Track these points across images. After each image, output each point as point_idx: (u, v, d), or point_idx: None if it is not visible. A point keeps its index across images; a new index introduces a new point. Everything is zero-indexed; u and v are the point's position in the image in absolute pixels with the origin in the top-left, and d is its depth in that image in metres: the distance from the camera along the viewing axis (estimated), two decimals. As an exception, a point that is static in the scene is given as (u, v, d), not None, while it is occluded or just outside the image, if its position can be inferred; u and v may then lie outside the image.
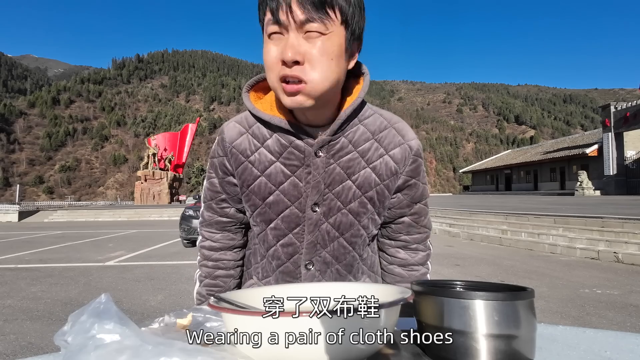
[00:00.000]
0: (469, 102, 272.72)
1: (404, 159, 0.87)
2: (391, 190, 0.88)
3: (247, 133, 0.86)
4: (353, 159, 0.84)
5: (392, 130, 0.87)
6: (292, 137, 0.82)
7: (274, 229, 0.86)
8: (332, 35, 0.70)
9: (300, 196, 0.84)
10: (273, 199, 0.84)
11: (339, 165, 0.83)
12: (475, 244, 9.55)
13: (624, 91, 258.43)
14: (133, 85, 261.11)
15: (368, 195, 0.85)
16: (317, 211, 0.84)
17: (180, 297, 4.87)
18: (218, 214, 0.95)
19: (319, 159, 0.82)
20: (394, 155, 0.86)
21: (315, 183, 0.83)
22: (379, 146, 0.85)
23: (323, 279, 0.88)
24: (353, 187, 0.84)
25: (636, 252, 6.74)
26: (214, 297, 0.62)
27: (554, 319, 3.88)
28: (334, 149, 0.83)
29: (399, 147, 0.86)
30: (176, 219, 12.68)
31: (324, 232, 0.85)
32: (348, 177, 0.84)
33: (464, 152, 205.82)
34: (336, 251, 0.87)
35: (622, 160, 26.88)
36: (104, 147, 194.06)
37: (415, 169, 0.89)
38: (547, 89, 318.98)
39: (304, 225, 0.85)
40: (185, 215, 9.75)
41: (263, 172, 0.84)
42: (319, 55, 0.69)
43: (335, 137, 0.82)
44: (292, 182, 0.83)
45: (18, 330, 3.69)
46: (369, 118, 0.86)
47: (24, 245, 10.72)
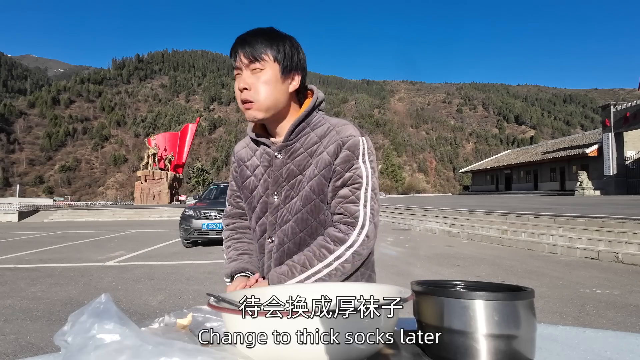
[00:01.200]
0: (469, 102, 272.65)
1: (336, 152, 1.07)
2: (327, 179, 1.08)
3: (247, 147, 1.23)
4: (303, 158, 1.10)
5: (333, 131, 1.10)
6: (265, 145, 1.16)
7: (254, 214, 1.17)
8: (267, 70, 1.05)
9: (268, 188, 1.13)
10: (256, 192, 1.17)
11: (293, 164, 1.11)
12: (475, 244, 9.54)
13: (624, 91, 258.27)
14: (133, 85, 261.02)
15: (310, 184, 1.08)
16: (276, 198, 1.12)
17: (180, 297, 4.87)
18: (235, 207, 1.28)
19: (277, 159, 1.13)
20: (329, 150, 1.08)
21: (275, 177, 1.12)
22: (321, 145, 1.10)
23: (277, 252, 1.11)
24: (303, 180, 1.09)
25: (636, 252, 6.74)
26: (214, 297, 0.62)
27: (554, 319, 3.88)
28: (290, 151, 1.12)
29: (334, 143, 1.08)
30: (176, 219, 12.67)
31: (281, 215, 1.11)
32: (299, 172, 1.10)
33: (464, 152, 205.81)
34: (288, 230, 1.10)
35: (622, 160, 26.88)
36: (104, 147, 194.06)
37: (343, 158, 1.07)
38: (547, 89, 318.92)
39: (268, 209, 1.13)
40: (185, 215, 9.74)
41: (252, 172, 1.18)
42: (259, 84, 1.04)
43: (290, 143, 1.12)
44: (264, 178, 1.15)
45: (18, 330, 3.69)
46: (320, 127, 1.12)
47: (24, 245, 10.72)
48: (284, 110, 1.11)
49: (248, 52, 1.04)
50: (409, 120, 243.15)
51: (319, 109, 1.17)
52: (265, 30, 1.08)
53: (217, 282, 5.72)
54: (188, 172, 73.61)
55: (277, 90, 1.06)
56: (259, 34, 1.07)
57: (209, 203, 10.31)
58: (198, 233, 9.46)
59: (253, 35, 1.06)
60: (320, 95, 1.17)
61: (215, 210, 9.55)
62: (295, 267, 1.04)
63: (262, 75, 1.04)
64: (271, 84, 1.05)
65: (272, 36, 1.07)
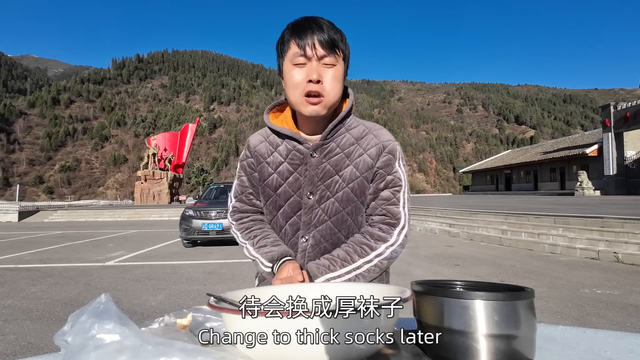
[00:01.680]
0: (469, 102, 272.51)
1: (378, 155, 1.09)
2: (368, 181, 1.09)
3: (266, 141, 1.16)
4: (340, 158, 1.09)
5: (370, 135, 1.11)
6: (295, 142, 1.11)
7: (282, 213, 1.13)
8: (339, 66, 1.02)
9: (300, 187, 1.10)
10: (282, 190, 1.11)
11: (329, 164, 1.09)
12: (475, 244, 9.54)
13: (624, 91, 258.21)
14: (133, 85, 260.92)
15: (350, 186, 1.08)
16: (311, 198, 1.09)
17: (180, 297, 4.86)
18: (247, 204, 1.21)
19: (313, 158, 1.09)
20: (370, 153, 1.09)
21: (310, 177, 1.09)
22: (360, 148, 1.10)
23: (313, 252, 1.10)
24: (340, 180, 1.08)
25: (636, 252, 6.74)
26: (214, 297, 0.62)
27: (554, 319, 3.88)
28: (325, 151, 1.09)
29: (375, 146, 1.10)
30: (176, 219, 12.68)
31: (316, 215, 1.09)
32: (336, 172, 1.08)
33: (464, 152, 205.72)
34: (325, 231, 1.10)
35: (622, 160, 26.88)
36: (104, 147, 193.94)
37: (385, 161, 1.09)
38: (547, 89, 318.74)
39: (302, 209, 1.10)
40: (185, 215, 9.74)
41: (275, 170, 1.12)
42: (331, 79, 1.00)
43: (326, 142, 1.09)
44: (294, 177, 1.10)
45: (18, 330, 3.68)
46: (355, 128, 1.12)
47: (24, 245, 10.71)
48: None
49: (328, 42, 0.99)
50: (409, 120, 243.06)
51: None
52: (329, 22, 1.03)
53: (217, 282, 5.72)
54: (188, 172, 73.60)
55: (340, 88, 1.05)
56: (330, 26, 1.02)
57: (209, 203, 10.31)
58: (198, 233, 9.45)
59: (325, 24, 1.01)
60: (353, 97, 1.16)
61: (215, 210, 9.55)
62: (336, 260, 1.04)
63: (334, 70, 1.01)
64: (339, 81, 1.03)
65: (338, 30, 1.03)
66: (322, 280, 1.01)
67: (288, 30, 1.04)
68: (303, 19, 1.04)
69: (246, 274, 6.27)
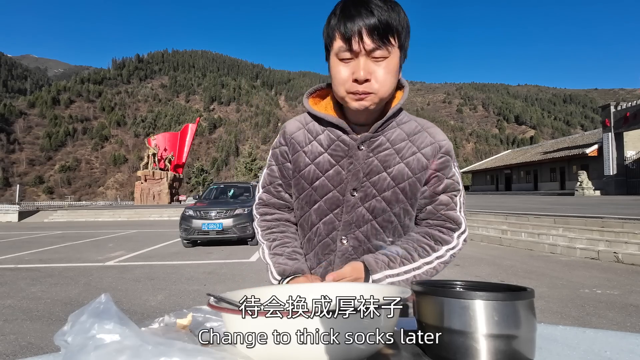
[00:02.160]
0: (469, 102, 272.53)
1: (434, 155, 1.00)
2: (421, 183, 1.00)
3: (304, 128, 1.04)
4: (390, 154, 0.99)
5: (424, 132, 1.02)
6: (340, 132, 0.99)
7: (317, 209, 1.02)
8: (392, 57, 0.88)
9: (342, 182, 0.99)
10: (319, 184, 1.00)
11: (377, 159, 0.98)
12: (475, 244, 9.54)
13: (624, 91, 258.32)
14: (133, 85, 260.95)
15: (401, 186, 0.98)
16: (355, 196, 0.98)
17: (180, 297, 4.86)
18: (275, 196, 1.10)
19: (360, 152, 0.98)
20: (425, 152, 1.00)
21: (356, 171, 0.98)
22: (412, 145, 1.00)
23: (355, 254, 1.00)
24: (388, 178, 0.98)
25: (636, 252, 6.74)
26: (214, 297, 0.62)
27: (554, 319, 3.88)
28: (374, 144, 0.99)
29: (430, 145, 1.00)
30: (176, 219, 12.67)
31: (359, 214, 0.99)
32: (384, 169, 0.98)
33: (464, 152, 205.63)
34: (368, 232, 1.00)
35: (622, 160, 26.86)
36: (104, 147, 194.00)
37: (442, 163, 1.01)
38: (547, 89, 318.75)
39: (342, 206, 0.99)
40: (185, 215, 9.74)
41: (313, 160, 1.01)
42: (383, 74, 0.87)
43: (375, 135, 0.99)
44: (336, 170, 0.99)
45: (18, 330, 3.68)
46: (406, 123, 1.03)
47: (24, 245, 10.71)
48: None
49: (379, 31, 0.83)
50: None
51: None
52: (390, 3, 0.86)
53: (217, 282, 5.72)
54: (188, 172, 73.59)
55: (395, 80, 0.92)
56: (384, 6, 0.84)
57: (209, 203, 10.30)
58: (198, 233, 9.45)
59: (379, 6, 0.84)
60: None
61: (215, 210, 9.55)
62: (395, 258, 0.96)
63: (387, 63, 0.87)
64: (393, 74, 0.90)
65: (395, 8, 0.86)
66: (380, 277, 0.94)
67: (334, 13, 0.89)
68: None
69: (246, 274, 6.28)
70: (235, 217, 9.44)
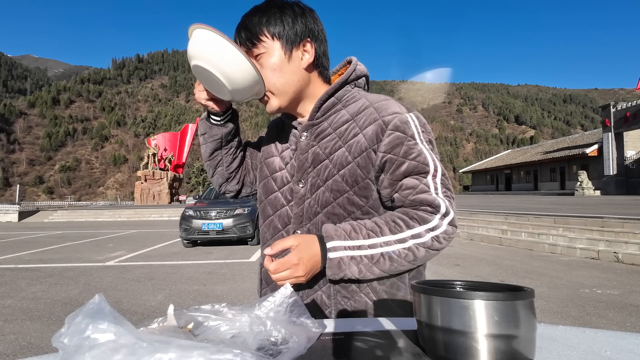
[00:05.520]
0: (469, 102, 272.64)
1: (377, 135, 0.87)
2: (364, 169, 0.88)
3: (283, 122, 1.06)
4: (331, 139, 0.93)
5: (370, 108, 0.90)
6: (292, 126, 1.00)
7: (272, 200, 1.01)
8: (269, 51, 0.88)
9: (294, 174, 0.97)
10: (277, 175, 1.01)
11: (319, 147, 0.94)
12: (475, 244, 9.54)
13: (624, 91, 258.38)
14: (133, 85, 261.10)
15: (341, 173, 0.90)
16: (301, 187, 0.95)
17: (180, 297, 4.86)
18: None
19: (302, 141, 0.97)
20: (367, 132, 0.88)
21: (300, 162, 0.96)
22: (356, 125, 0.91)
23: None
24: (329, 165, 0.92)
25: (636, 252, 6.74)
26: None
27: (554, 319, 3.88)
28: (316, 132, 0.95)
29: (373, 123, 0.88)
30: (176, 219, 12.68)
31: (308, 207, 0.94)
32: (326, 156, 0.93)
33: (464, 152, 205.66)
34: (319, 225, 0.92)
35: (622, 160, 26.86)
36: (104, 147, 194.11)
37: (391, 142, 0.85)
38: (547, 89, 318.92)
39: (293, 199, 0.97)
40: (185, 215, 9.73)
41: (280, 153, 1.03)
42: (265, 71, 0.88)
43: (316, 122, 0.95)
44: (290, 163, 0.99)
45: (18, 330, 3.68)
46: (354, 103, 0.94)
47: (24, 245, 10.71)
48: (305, 91, 0.94)
49: (244, 37, 0.88)
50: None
51: (356, 85, 0.98)
52: (260, 6, 0.90)
53: (217, 282, 5.72)
54: (188, 172, 73.67)
55: (286, 71, 0.89)
56: (255, 12, 0.89)
57: (209, 203, 10.30)
58: (198, 233, 9.45)
59: (249, 15, 0.90)
60: (360, 68, 0.97)
61: (215, 210, 9.55)
62: (361, 228, 0.83)
63: (264, 59, 0.88)
64: (277, 67, 0.88)
65: (266, 9, 0.89)
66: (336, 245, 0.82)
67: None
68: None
69: (246, 274, 6.27)
70: (235, 217, 9.45)
